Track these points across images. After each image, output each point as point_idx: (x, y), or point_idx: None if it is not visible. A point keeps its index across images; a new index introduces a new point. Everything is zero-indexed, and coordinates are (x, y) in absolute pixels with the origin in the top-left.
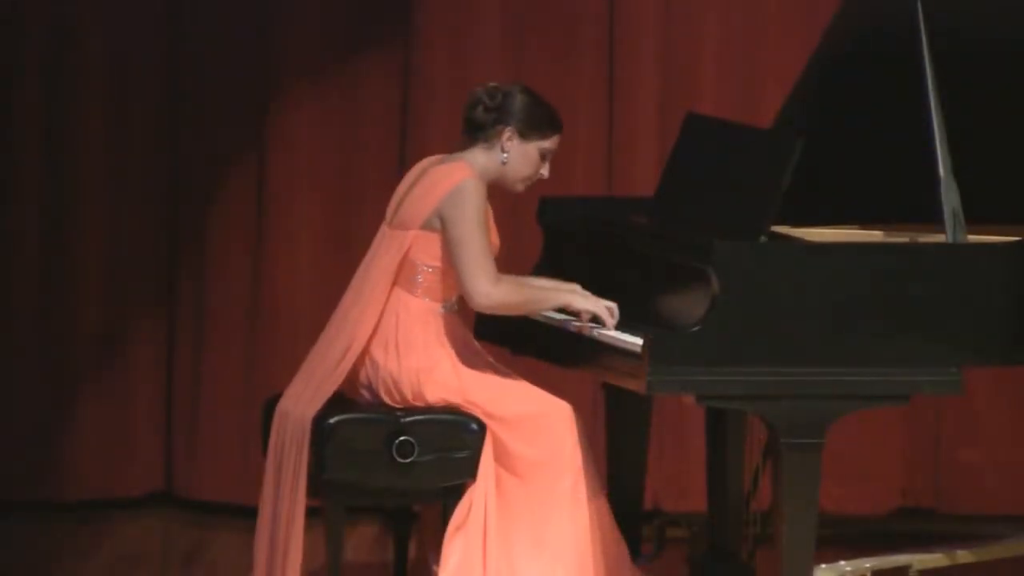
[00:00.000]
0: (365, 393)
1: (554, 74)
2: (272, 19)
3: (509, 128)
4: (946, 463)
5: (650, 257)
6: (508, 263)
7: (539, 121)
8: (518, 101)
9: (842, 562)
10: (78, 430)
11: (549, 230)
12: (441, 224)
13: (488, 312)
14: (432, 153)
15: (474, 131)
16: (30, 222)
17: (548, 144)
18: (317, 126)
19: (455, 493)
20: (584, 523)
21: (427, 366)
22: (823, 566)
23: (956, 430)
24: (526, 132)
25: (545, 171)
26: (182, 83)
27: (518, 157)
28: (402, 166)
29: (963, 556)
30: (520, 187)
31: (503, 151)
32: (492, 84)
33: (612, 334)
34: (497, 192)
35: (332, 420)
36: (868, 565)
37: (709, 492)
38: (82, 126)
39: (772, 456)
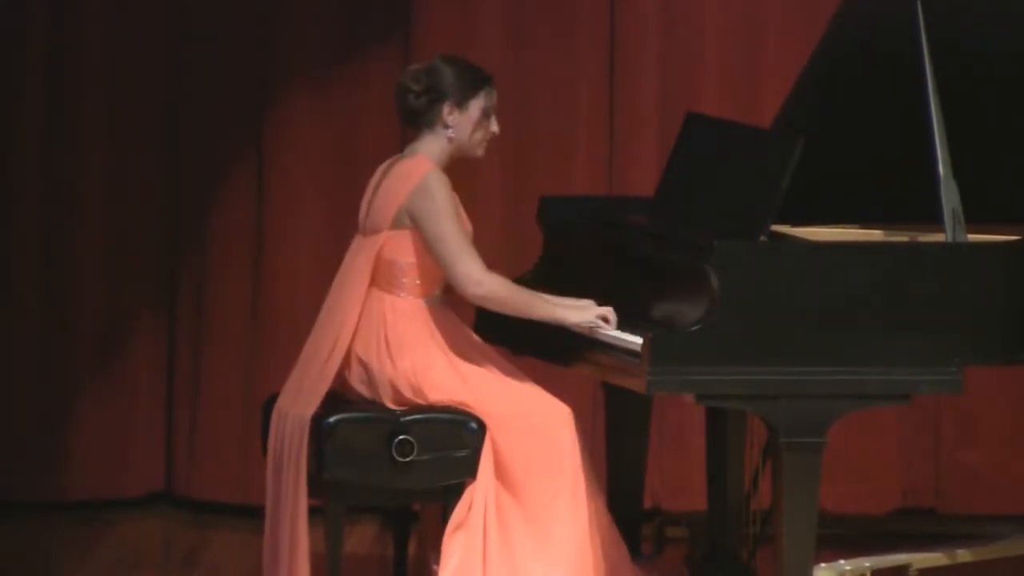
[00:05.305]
0: (363, 389)
1: (554, 73)
2: (272, 19)
3: (447, 104)
4: (946, 463)
5: (650, 257)
6: (508, 263)
7: (469, 84)
8: (444, 74)
9: (842, 562)
10: (78, 430)
11: (549, 230)
12: (412, 221)
13: (479, 302)
14: None
15: (414, 119)
16: (30, 221)
17: (485, 101)
18: (317, 126)
19: (455, 492)
20: (584, 524)
21: (422, 365)
22: (823, 566)
23: (956, 430)
24: (462, 101)
25: (495, 126)
26: (182, 83)
27: (464, 126)
28: None
29: (963, 556)
30: (480, 151)
31: (447, 127)
32: (412, 67)
33: (612, 333)
34: (497, 189)
35: (332, 420)
36: (868, 565)
37: (709, 492)
38: (83, 125)
39: (772, 456)
